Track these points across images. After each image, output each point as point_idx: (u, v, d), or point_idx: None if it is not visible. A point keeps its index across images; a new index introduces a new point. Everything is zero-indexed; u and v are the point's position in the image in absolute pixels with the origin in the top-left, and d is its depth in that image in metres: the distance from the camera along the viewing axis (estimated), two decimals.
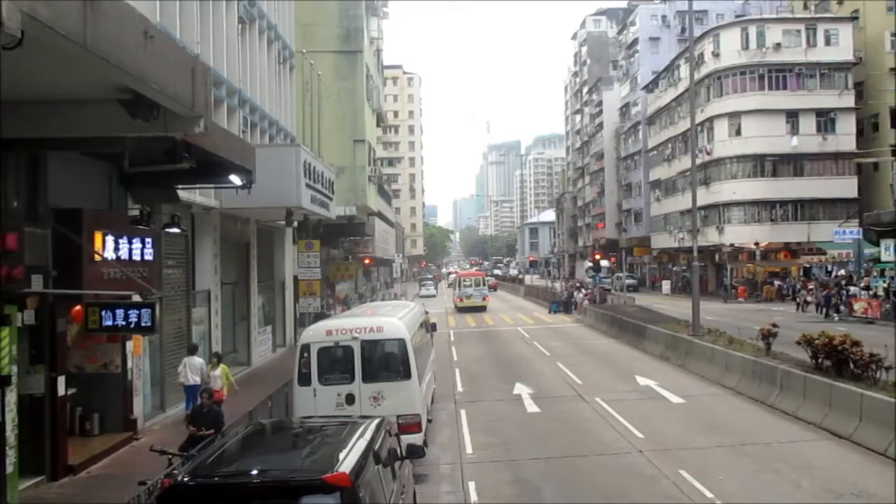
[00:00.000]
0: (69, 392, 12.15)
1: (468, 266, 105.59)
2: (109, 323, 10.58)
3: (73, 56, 5.94)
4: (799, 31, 50.36)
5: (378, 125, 53.93)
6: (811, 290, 38.65)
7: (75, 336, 12.69)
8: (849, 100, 49.39)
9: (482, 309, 45.61)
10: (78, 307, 11.16)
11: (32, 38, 5.15)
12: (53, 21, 5.19)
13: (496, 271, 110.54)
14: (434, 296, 59.99)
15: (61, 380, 11.73)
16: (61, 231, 11.19)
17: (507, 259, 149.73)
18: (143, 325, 10.66)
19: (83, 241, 11.27)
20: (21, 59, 5.45)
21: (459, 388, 19.58)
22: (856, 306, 32.55)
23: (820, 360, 15.02)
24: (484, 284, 48.90)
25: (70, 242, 11.15)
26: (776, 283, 48.61)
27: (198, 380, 15.12)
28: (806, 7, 56.99)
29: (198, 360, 15.41)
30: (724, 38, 51.76)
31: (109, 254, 11.83)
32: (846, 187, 48.98)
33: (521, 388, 18.86)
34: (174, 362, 16.74)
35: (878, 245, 32.82)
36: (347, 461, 6.06)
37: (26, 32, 4.96)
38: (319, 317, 26.14)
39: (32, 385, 11.31)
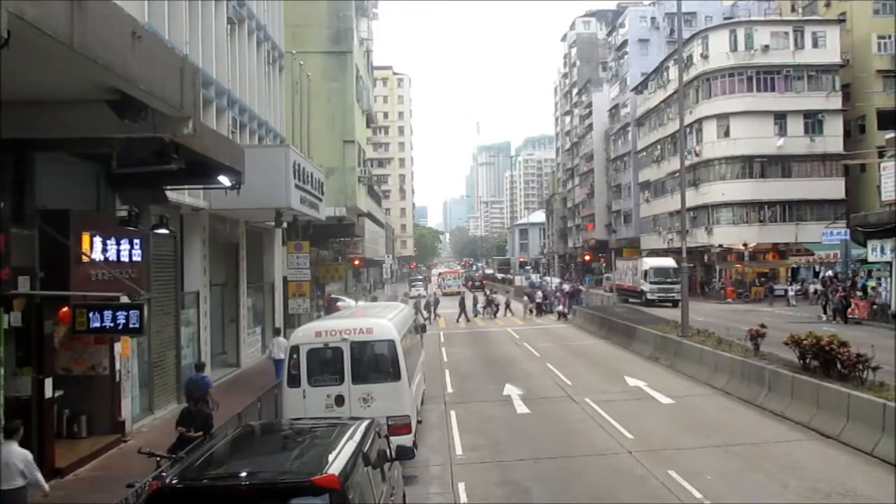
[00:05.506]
0: (56, 394, 12.06)
1: (458, 267, 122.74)
2: (97, 324, 10.51)
3: (60, 56, 5.91)
4: (787, 33, 50.70)
5: (368, 126, 53.87)
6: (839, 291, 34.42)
7: (62, 338, 12.59)
8: (836, 101, 49.77)
9: (458, 294, 58.80)
10: (65, 309, 11.07)
11: (19, 38, 5.12)
12: (40, 21, 5.16)
13: (488, 271, 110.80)
14: (424, 296, 60.49)
15: (48, 382, 11.64)
16: (48, 232, 11.09)
17: (495, 258, 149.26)
18: (131, 326, 10.59)
19: (70, 242, 11.18)
20: (8, 60, 5.41)
21: (449, 389, 19.57)
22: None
23: (807, 361, 15.14)
24: (459, 278, 76.23)
25: (57, 244, 11.06)
26: (811, 286, 43.62)
27: (282, 355, 17.27)
28: (794, 9, 57.40)
29: (282, 340, 18.42)
30: (713, 40, 52.06)
31: (97, 255, 11.74)
32: (834, 188, 49.35)
33: (510, 389, 18.87)
34: (162, 364, 16.74)
35: (865, 246, 33.07)
36: (337, 463, 6.04)
37: (13, 32, 4.93)
38: (328, 309, 26.38)
39: (19, 387, 11.20)
